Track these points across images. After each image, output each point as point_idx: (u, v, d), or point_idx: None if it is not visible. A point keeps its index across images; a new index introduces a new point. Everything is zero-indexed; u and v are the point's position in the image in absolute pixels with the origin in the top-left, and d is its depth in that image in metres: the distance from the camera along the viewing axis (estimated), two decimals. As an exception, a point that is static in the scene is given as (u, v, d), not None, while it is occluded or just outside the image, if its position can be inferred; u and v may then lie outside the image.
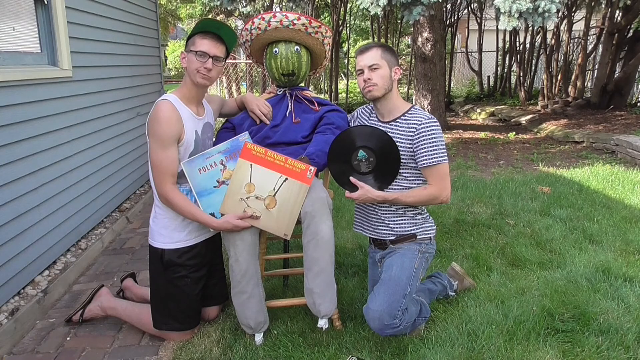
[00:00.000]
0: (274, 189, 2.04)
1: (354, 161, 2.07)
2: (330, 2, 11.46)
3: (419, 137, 2.01)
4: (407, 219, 2.13)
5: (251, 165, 2.04)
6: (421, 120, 2.03)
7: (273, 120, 2.26)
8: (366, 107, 2.28)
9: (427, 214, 2.21)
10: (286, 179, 2.03)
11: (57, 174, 3.03)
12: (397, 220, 2.13)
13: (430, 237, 2.16)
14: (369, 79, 2.03)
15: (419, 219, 2.15)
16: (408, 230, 2.13)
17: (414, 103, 8.18)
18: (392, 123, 2.09)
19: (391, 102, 2.10)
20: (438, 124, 2.05)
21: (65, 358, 2.13)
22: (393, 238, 2.15)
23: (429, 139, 2.00)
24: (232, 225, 2.01)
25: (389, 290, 1.99)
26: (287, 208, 2.04)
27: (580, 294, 2.41)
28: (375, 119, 2.18)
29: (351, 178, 2.07)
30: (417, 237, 2.13)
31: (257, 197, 2.04)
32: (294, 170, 2.02)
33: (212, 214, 2.05)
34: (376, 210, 2.16)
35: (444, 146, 2.03)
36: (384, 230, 2.16)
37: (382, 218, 2.15)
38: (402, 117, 2.08)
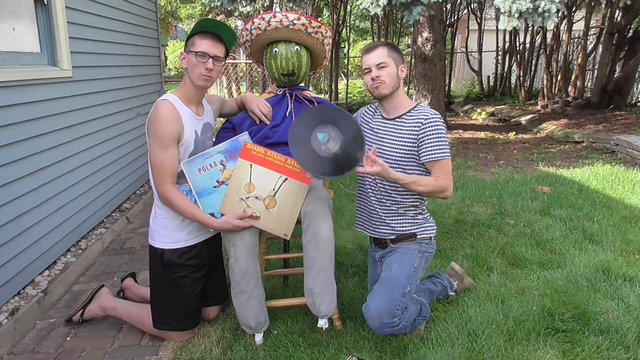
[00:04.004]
0: (274, 189, 2.04)
1: (322, 148, 1.90)
2: (330, 2, 11.46)
3: (424, 132, 2.03)
4: (408, 219, 2.14)
5: (251, 165, 2.04)
6: (427, 116, 2.05)
7: (273, 120, 2.26)
8: (369, 107, 2.28)
9: (428, 214, 2.22)
10: (286, 179, 2.03)
11: (57, 174, 3.03)
12: (398, 220, 2.14)
13: (430, 237, 2.17)
14: (377, 76, 2.04)
15: (419, 219, 2.15)
16: (408, 230, 2.13)
17: (414, 103, 8.20)
18: (398, 120, 2.10)
19: (397, 100, 2.11)
20: (442, 120, 2.07)
21: (65, 358, 2.13)
22: (394, 237, 2.15)
23: (435, 134, 2.02)
24: (231, 226, 2.01)
25: (388, 289, 1.99)
26: (286, 208, 2.04)
27: (580, 294, 2.41)
28: (380, 117, 2.19)
29: (366, 156, 1.88)
30: (417, 236, 2.13)
31: (256, 197, 2.04)
32: (293, 171, 2.03)
33: (212, 214, 2.04)
34: (377, 209, 2.16)
35: (448, 142, 2.05)
36: (385, 229, 2.16)
37: (383, 217, 2.15)
38: (408, 114, 2.10)
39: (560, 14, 8.88)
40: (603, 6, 8.15)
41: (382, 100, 2.12)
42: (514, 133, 7.69)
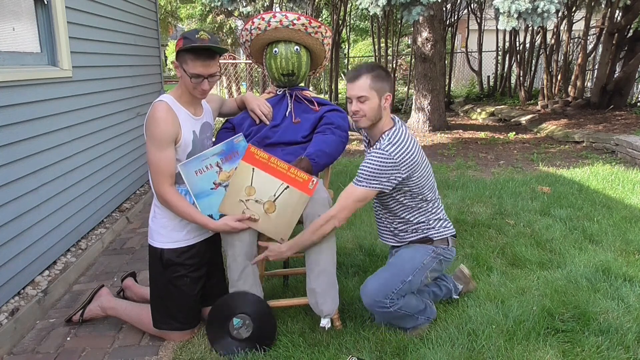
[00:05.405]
0: (274, 195, 2.03)
1: (233, 332, 2.06)
2: (330, 2, 11.46)
3: None
4: (419, 233, 2.14)
5: (253, 169, 2.03)
6: (375, 146, 2.00)
7: (273, 120, 2.26)
8: None
9: (442, 220, 2.17)
10: (287, 186, 2.02)
11: (57, 174, 3.03)
12: (407, 236, 2.14)
13: (447, 238, 2.14)
14: (357, 111, 1.98)
15: (431, 226, 2.14)
16: (422, 234, 2.14)
17: (414, 103, 8.19)
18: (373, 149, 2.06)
19: (379, 129, 2.05)
20: (388, 151, 1.94)
21: (65, 358, 2.13)
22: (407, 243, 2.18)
23: (364, 162, 1.97)
24: (230, 227, 2.01)
25: (389, 272, 2.04)
26: (285, 215, 2.04)
27: (580, 293, 2.41)
28: (367, 143, 2.21)
29: (258, 242, 2.10)
30: (434, 240, 2.13)
31: (256, 201, 2.04)
32: (296, 179, 2.01)
33: (210, 216, 2.04)
34: (387, 226, 2.20)
35: (375, 174, 1.94)
36: (394, 242, 2.21)
37: (392, 234, 2.19)
38: (377, 142, 2.03)
39: (560, 14, 8.88)
40: (603, 6, 8.15)
41: (363, 129, 2.13)
42: (514, 133, 7.70)
